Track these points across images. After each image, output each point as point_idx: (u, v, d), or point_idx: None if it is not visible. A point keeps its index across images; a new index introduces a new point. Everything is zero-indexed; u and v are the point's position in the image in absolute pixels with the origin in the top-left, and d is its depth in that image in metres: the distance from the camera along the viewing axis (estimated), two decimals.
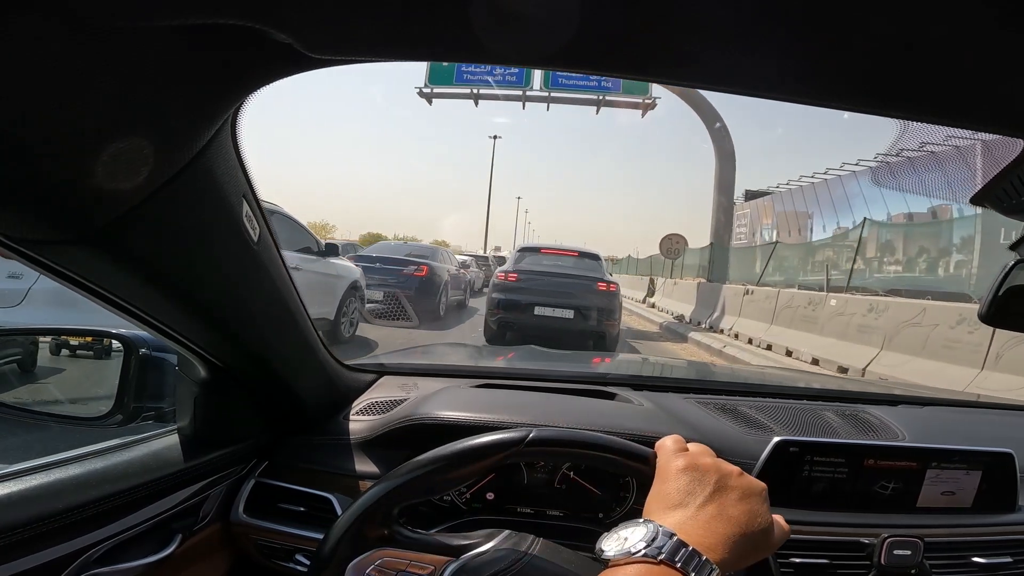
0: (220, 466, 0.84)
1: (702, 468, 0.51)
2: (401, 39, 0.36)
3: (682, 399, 1.09)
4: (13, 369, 1.00)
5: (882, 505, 0.87)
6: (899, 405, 1.20)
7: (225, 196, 0.54)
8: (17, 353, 1.02)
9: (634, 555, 0.43)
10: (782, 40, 0.34)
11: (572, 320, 7.09)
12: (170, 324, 0.64)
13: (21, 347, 1.04)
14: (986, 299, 0.76)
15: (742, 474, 0.53)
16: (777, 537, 0.52)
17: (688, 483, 0.50)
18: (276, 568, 0.86)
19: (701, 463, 0.52)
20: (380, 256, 9.30)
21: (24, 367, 1.01)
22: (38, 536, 0.58)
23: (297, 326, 0.80)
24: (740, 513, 0.48)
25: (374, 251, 10.24)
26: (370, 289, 7.79)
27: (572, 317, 7.09)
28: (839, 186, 20.40)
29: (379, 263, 8.87)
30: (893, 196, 17.40)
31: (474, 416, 0.91)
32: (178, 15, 0.32)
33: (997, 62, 0.34)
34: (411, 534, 0.62)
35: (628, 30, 0.33)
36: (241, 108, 0.48)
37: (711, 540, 0.45)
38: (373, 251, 10.28)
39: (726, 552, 0.45)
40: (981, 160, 0.63)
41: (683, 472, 0.51)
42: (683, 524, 0.46)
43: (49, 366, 1.00)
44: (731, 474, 0.52)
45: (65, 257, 0.48)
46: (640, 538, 0.44)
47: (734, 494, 0.50)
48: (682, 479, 0.51)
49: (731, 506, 0.49)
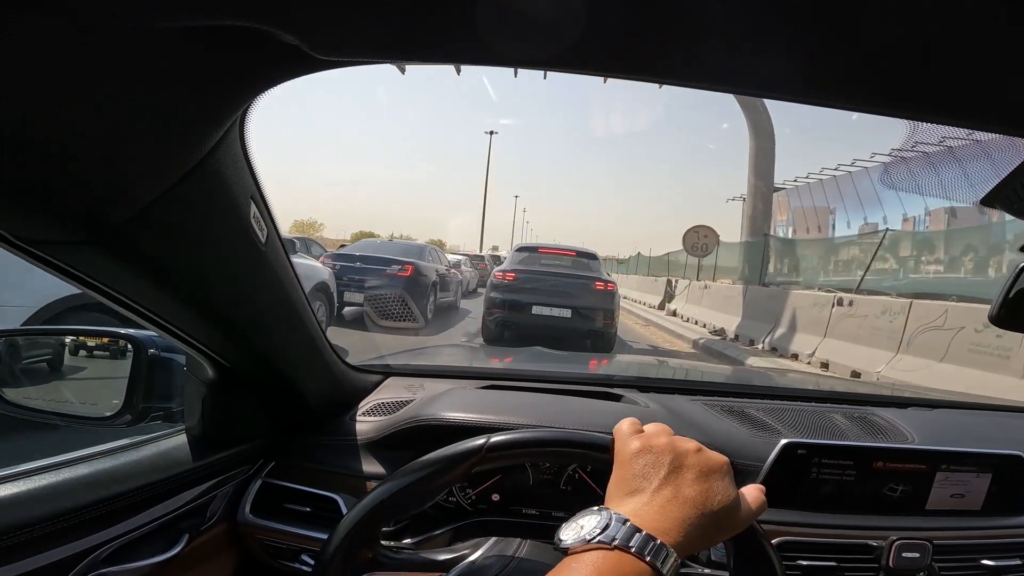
0: (227, 466, 0.84)
1: (656, 450, 0.51)
2: (407, 41, 0.36)
3: (689, 401, 1.09)
4: (43, 368, 1.05)
5: (891, 508, 0.86)
6: (908, 407, 1.19)
7: (233, 197, 0.54)
8: (48, 352, 1.07)
9: (589, 542, 0.43)
10: (789, 40, 0.34)
11: (570, 319, 7.04)
12: (178, 325, 0.65)
13: (51, 347, 1.09)
14: (996, 301, 0.75)
15: (700, 450, 0.52)
16: (748, 513, 0.51)
17: (642, 467, 0.50)
18: (282, 568, 0.86)
19: (655, 444, 0.51)
20: (361, 255, 8.37)
21: (53, 366, 1.05)
22: (47, 535, 0.59)
23: (304, 327, 0.80)
24: (696, 493, 0.48)
25: (355, 250, 9.19)
26: (349, 291, 7.48)
27: (570, 316, 7.04)
28: (865, 178, 18.71)
29: (360, 262, 8.05)
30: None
31: (480, 417, 0.91)
32: (186, 16, 0.33)
33: (1008, 62, 0.34)
34: (396, 555, 0.62)
35: (634, 31, 0.33)
36: (249, 109, 0.48)
37: (666, 524, 0.45)
38: (354, 250, 9.23)
39: (682, 535, 0.44)
40: (992, 161, 0.62)
41: (637, 456, 0.51)
42: (638, 509, 0.46)
43: (72, 365, 1.04)
44: (687, 452, 0.51)
45: (74, 258, 0.49)
46: (595, 525, 0.44)
47: (690, 473, 0.49)
48: (636, 463, 0.50)
49: (687, 487, 0.48)
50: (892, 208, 17.90)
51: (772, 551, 0.59)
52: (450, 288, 10.34)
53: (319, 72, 0.42)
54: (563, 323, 7.04)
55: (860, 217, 18.99)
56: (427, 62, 0.38)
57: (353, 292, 7.62)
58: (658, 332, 11.21)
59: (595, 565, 0.41)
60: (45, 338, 1.15)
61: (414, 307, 7.95)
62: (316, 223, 51.97)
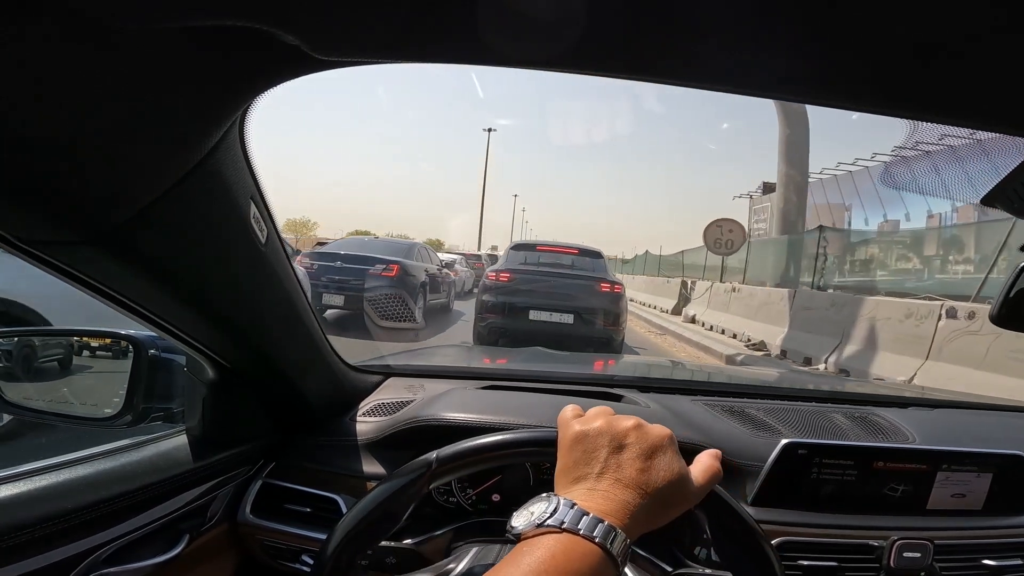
0: (228, 467, 0.84)
1: (593, 434, 0.51)
2: (408, 41, 0.36)
3: (690, 401, 1.09)
4: (55, 367, 1.07)
5: (891, 507, 0.86)
6: (909, 407, 1.19)
7: (233, 197, 0.54)
8: (60, 352, 1.10)
9: (539, 527, 0.44)
10: (789, 41, 0.34)
11: (572, 325, 6.27)
12: (178, 325, 0.65)
13: (62, 347, 1.12)
14: (997, 300, 0.75)
15: (639, 427, 0.51)
16: (699, 485, 0.51)
17: (582, 453, 0.50)
18: (282, 569, 0.86)
19: (591, 430, 0.51)
20: (343, 253, 7.65)
21: (63, 365, 1.08)
22: (47, 536, 0.59)
23: (304, 327, 0.80)
24: (637, 472, 0.48)
25: (336, 248, 8.41)
26: (328, 292, 6.98)
27: (572, 322, 6.28)
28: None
29: (340, 261, 7.36)
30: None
31: (480, 418, 0.91)
32: (187, 17, 0.33)
33: (1008, 62, 0.34)
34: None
35: (635, 31, 0.33)
36: (249, 109, 0.48)
37: (611, 506, 0.45)
38: (335, 248, 8.45)
39: (628, 516, 0.45)
40: (992, 160, 0.62)
41: (576, 443, 0.51)
42: (584, 495, 0.46)
43: (78, 364, 1.07)
44: (626, 432, 0.50)
45: (75, 258, 0.49)
46: (543, 510, 0.45)
47: (630, 453, 0.49)
48: (576, 450, 0.50)
49: (627, 466, 0.48)
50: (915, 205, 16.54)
51: (772, 551, 0.59)
52: (441, 289, 9.70)
53: (320, 72, 0.42)
54: (564, 330, 6.29)
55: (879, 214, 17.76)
56: (427, 61, 0.38)
57: (332, 294, 7.08)
58: (677, 343, 9.57)
59: (547, 548, 0.42)
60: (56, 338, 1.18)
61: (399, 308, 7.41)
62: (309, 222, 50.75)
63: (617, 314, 6.51)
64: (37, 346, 1.06)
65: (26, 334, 1.28)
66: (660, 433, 0.51)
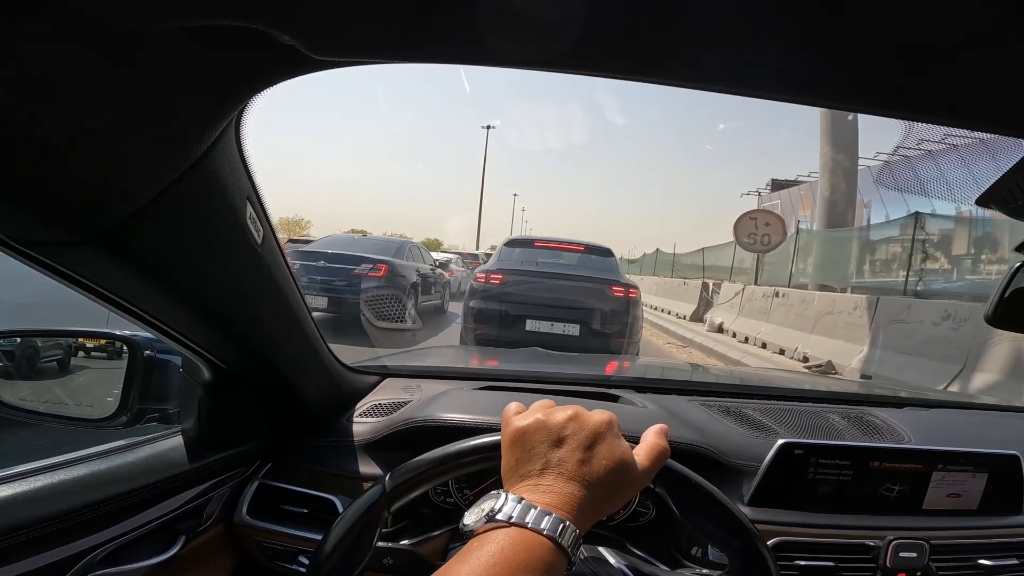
0: (224, 468, 0.84)
1: (531, 430, 0.51)
2: (405, 41, 0.36)
3: (686, 401, 1.09)
4: (53, 367, 1.08)
5: (887, 507, 0.87)
6: (905, 407, 1.19)
7: (229, 198, 0.54)
8: (59, 353, 1.11)
9: (489, 522, 0.44)
10: (789, 42, 0.34)
11: (578, 338, 5.17)
12: (175, 326, 0.65)
13: (62, 348, 1.12)
14: (992, 301, 0.75)
15: (577, 416, 0.51)
16: (646, 466, 0.51)
17: (523, 451, 0.50)
18: (279, 569, 0.86)
19: (529, 426, 0.51)
20: (327, 252, 7.09)
21: (62, 365, 1.09)
22: (43, 537, 0.58)
23: (301, 328, 0.80)
24: (578, 464, 0.48)
25: (320, 246, 7.75)
26: (309, 294, 6.28)
27: (578, 334, 5.18)
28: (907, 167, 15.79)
29: (324, 261, 6.86)
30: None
31: (477, 419, 0.91)
32: (184, 17, 0.33)
33: (1003, 63, 0.34)
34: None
35: (634, 32, 0.33)
36: (245, 110, 0.48)
37: (557, 499, 0.45)
38: (319, 246, 7.78)
39: (574, 508, 0.45)
40: (987, 161, 0.62)
41: (515, 442, 0.51)
42: (530, 490, 0.47)
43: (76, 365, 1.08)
44: (563, 425, 0.50)
45: (70, 259, 0.48)
46: (492, 506, 0.45)
47: (569, 445, 0.49)
48: (517, 449, 0.51)
49: (568, 459, 0.48)
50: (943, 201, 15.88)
51: (767, 551, 0.59)
52: (434, 290, 9.10)
53: (317, 72, 0.42)
54: (569, 343, 5.16)
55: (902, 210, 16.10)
56: (425, 62, 0.38)
57: (314, 296, 6.54)
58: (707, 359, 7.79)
59: (498, 543, 0.42)
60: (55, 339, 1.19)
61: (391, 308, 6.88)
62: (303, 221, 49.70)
63: (632, 324, 5.38)
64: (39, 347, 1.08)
65: (22, 335, 1.28)
66: (599, 420, 0.51)
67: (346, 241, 8.62)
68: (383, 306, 6.88)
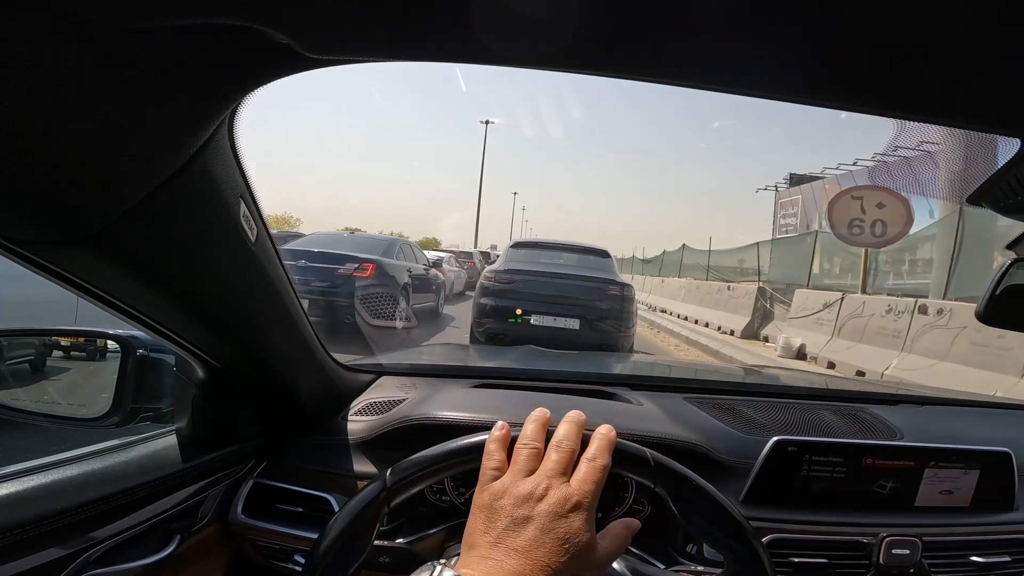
0: (219, 467, 0.84)
1: (498, 498, 0.50)
2: (400, 40, 0.36)
3: (681, 398, 1.10)
4: (25, 369, 1.03)
5: (880, 504, 0.87)
6: (898, 404, 1.20)
7: (223, 196, 0.54)
8: (30, 353, 1.06)
9: None
10: (783, 41, 0.34)
11: (578, 331, 5.76)
12: (168, 325, 0.64)
13: (33, 348, 1.07)
14: (984, 298, 0.76)
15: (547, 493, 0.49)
16: (606, 554, 0.51)
17: (484, 520, 0.50)
18: (275, 568, 0.86)
19: (497, 492, 0.51)
20: (311, 251, 6.64)
21: (35, 367, 1.04)
22: (37, 537, 0.58)
23: (295, 326, 0.79)
24: (532, 543, 0.47)
25: (304, 244, 7.28)
26: None
27: (578, 328, 5.77)
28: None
29: (305, 260, 6.41)
30: None
31: (472, 416, 0.91)
32: (177, 16, 0.32)
33: (995, 62, 0.34)
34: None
35: (629, 31, 0.33)
36: (239, 108, 0.48)
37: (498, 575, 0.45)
38: (302, 244, 7.30)
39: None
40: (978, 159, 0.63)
41: (480, 510, 0.51)
42: (476, 561, 0.47)
43: (56, 366, 1.03)
44: (531, 498, 0.49)
45: (62, 258, 0.48)
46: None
47: (534, 524, 0.48)
48: (479, 517, 0.50)
49: (526, 534, 0.47)
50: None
51: (762, 548, 0.60)
52: (429, 291, 8.72)
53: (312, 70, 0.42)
54: (569, 336, 5.77)
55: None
56: (419, 60, 0.38)
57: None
58: None
59: None
60: (27, 339, 1.13)
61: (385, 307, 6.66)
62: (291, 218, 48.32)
63: (627, 319, 6.03)
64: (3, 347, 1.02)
65: (14, 334, 1.26)
66: (569, 501, 0.49)
67: (332, 239, 8.07)
68: (375, 305, 6.74)
